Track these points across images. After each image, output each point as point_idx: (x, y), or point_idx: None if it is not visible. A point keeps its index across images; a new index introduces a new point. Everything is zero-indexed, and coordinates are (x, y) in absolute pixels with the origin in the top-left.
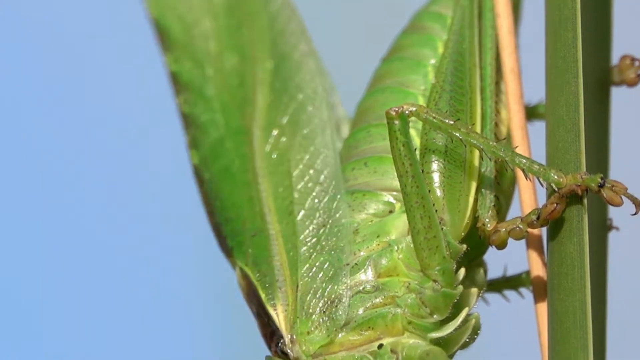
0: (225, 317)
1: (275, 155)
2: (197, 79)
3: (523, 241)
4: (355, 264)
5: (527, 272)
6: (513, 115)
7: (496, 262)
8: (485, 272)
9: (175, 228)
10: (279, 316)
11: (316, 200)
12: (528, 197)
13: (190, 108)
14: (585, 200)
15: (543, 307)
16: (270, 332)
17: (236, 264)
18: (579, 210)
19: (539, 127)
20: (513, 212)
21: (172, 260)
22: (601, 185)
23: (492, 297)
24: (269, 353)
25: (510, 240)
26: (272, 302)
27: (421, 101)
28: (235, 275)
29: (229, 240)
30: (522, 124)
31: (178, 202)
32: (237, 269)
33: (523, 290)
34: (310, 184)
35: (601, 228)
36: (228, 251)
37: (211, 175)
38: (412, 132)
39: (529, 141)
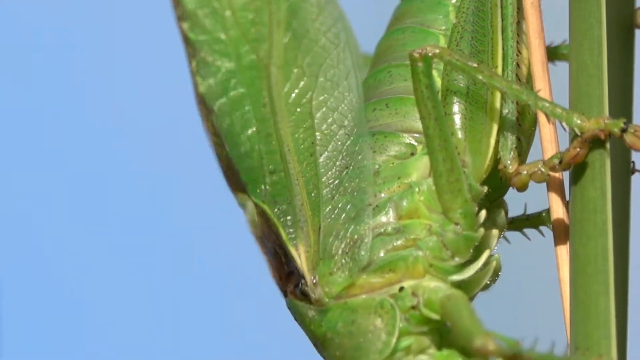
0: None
1: (294, 96)
2: (204, 9)
3: (544, 183)
4: (377, 205)
5: (548, 211)
6: (533, 50)
7: (516, 201)
8: (506, 213)
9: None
10: (301, 256)
11: (339, 143)
12: (549, 141)
13: (196, 36)
14: (607, 145)
15: (563, 250)
16: (287, 273)
17: (249, 200)
18: (601, 154)
19: (562, 70)
20: (533, 156)
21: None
22: (624, 130)
23: (512, 236)
24: None
25: (531, 183)
26: (293, 242)
27: (442, 41)
28: (246, 213)
29: (243, 175)
30: (543, 59)
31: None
32: (249, 205)
33: (543, 228)
34: (333, 127)
35: (624, 173)
36: (240, 186)
37: (221, 106)
38: (434, 74)
39: (549, 78)
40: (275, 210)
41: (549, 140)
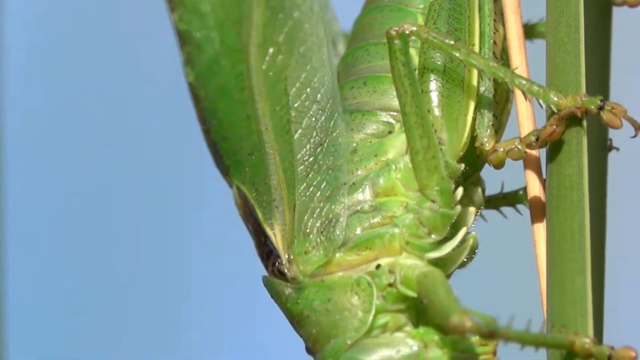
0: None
1: (271, 74)
2: None
3: (520, 161)
4: (353, 183)
5: (524, 189)
6: (510, 27)
7: (494, 179)
8: (483, 190)
9: None
10: (276, 236)
11: (313, 119)
12: (525, 118)
13: (185, 25)
14: (584, 123)
15: (540, 227)
16: (267, 252)
17: (233, 183)
18: (578, 132)
19: (539, 47)
20: (510, 133)
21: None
22: (601, 108)
23: (489, 213)
24: None
25: (508, 160)
26: (269, 222)
27: (420, 19)
28: (232, 195)
29: (226, 158)
30: (520, 36)
31: None
32: (234, 187)
33: (520, 207)
34: (307, 103)
35: (601, 150)
36: (225, 170)
37: (207, 93)
38: (411, 52)
39: (526, 56)
40: (253, 191)
41: (526, 117)
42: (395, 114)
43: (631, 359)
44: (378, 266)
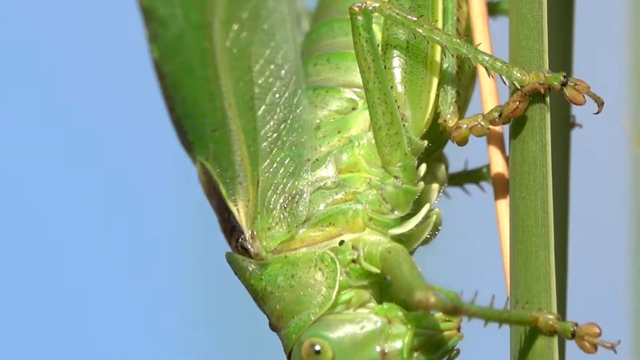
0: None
1: (235, 50)
2: None
3: (484, 137)
4: (316, 159)
5: (488, 167)
6: (473, 4)
7: (457, 157)
8: (447, 167)
9: None
10: (239, 212)
11: (277, 96)
12: (489, 94)
13: (150, 1)
14: (547, 99)
15: (503, 204)
16: (230, 228)
17: (197, 159)
18: (541, 108)
19: (503, 24)
20: (474, 109)
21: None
22: (564, 84)
23: (453, 190)
24: None
25: (471, 137)
26: (232, 198)
27: None
28: (196, 171)
29: (190, 135)
30: (483, 13)
31: None
32: (197, 164)
33: (484, 184)
34: (270, 79)
35: (564, 126)
36: (189, 146)
37: (171, 70)
38: (375, 28)
39: (489, 32)
40: (217, 167)
41: (489, 94)
42: (358, 90)
43: (595, 335)
44: (341, 242)
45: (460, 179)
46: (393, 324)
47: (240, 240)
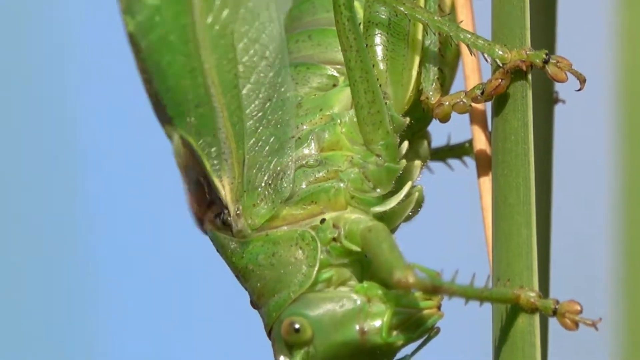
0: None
1: (217, 27)
2: None
3: (466, 114)
4: (299, 137)
5: (470, 141)
6: None
7: (440, 132)
8: (429, 143)
9: None
10: (225, 188)
11: (262, 75)
12: (472, 71)
13: None
14: (529, 76)
15: (486, 180)
16: (208, 203)
17: (176, 132)
18: (523, 86)
19: (485, 1)
20: (456, 87)
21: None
22: (546, 61)
23: (436, 166)
24: None
25: (454, 114)
26: (218, 173)
27: None
28: (173, 145)
29: (170, 109)
30: None
31: None
32: (175, 137)
33: (467, 159)
34: (255, 58)
35: (546, 103)
36: (167, 119)
37: (149, 44)
38: (356, 5)
39: (472, 10)
40: (200, 142)
41: (472, 71)
42: (339, 67)
43: (576, 312)
44: (323, 220)
45: (443, 153)
46: (373, 303)
47: (223, 216)
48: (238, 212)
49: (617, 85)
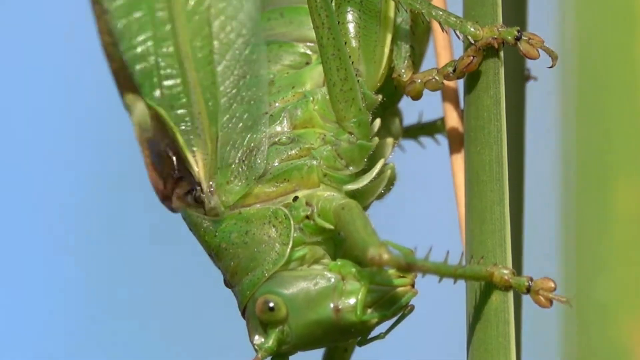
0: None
1: (192, 2)
2: None
3: (438, 91)
4: (271, 115)
5: (443, 119)
6: None
7: (412, 109)
8: (401, 121)
9: None
10: (198, 164)
11: (237, 52)
12: (443, 48)
13: None
14: (501, 53)
15: (458, 158)
16: (176, 179)
17: (141, 102)
18: (495, 63)
19: None
20: (428, 64)
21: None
22: (518, 38)
23: (407, 144)
24: None
25: (426, 91)
26: (191, 149)
27: None
28: (133, 115)
29: (137, 77)
30: None
31: None
32: (140, 107)
33: (439, 137)
34: (232, 35)
35: (518, 80)
36: (132, 88)
37: (118, 6)
38: None
39: None
40: (172, 115)
41: (444, 48)
42: (312, 45)
43: (550, 289)
44: (295, 198)
45: (414, 131)
46: (347, 281)
47: (195, 192)
48: (211, 189)
49: (583, 61)
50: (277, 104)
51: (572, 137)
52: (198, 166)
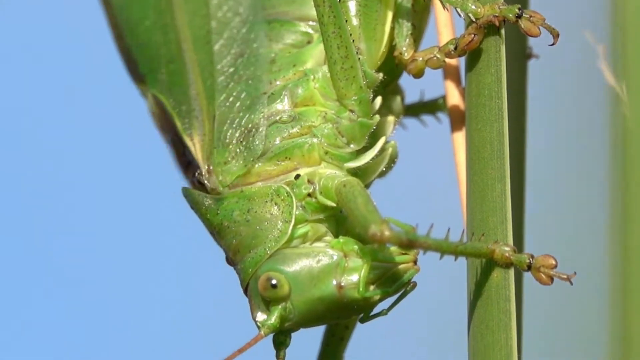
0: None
1: None
2: None
3: (440, 70)
4: (272, 93)
5: (444, 97)
6: None
7: (413, 87)
8: (403, 99)
9: None
10: (195, 146)
11: (235, 30)
12: (445, 26)
13: None
14: (502, 31)
15: (460, 136)
16: (186, 163)
17: (149, 91)
18: (496, 41)
19: None
20: (429, 42)
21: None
22: (519, 16)
23: (409, 122)
24: None
25: (427, 69)
26: (188, 132)
27: None
28: (147, 104)
29: (142, 66)
30: None
31: None
32: (149, 96)
33: (440, 115)
34: (229, 14)
35: (520, 58)
36: (140, 77)
37: (120, 0)
38: None
39: None
40: (171, 100)
41: (445, 26)
42: (313, 23)
43: (551, 266)
44: (297, 176)
45: (416, 109)
46: (349, 258)
47: (196, 174)
48: (209, 169)
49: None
50: (278, 82)
51: (574, 114)
52: (196, 148)
